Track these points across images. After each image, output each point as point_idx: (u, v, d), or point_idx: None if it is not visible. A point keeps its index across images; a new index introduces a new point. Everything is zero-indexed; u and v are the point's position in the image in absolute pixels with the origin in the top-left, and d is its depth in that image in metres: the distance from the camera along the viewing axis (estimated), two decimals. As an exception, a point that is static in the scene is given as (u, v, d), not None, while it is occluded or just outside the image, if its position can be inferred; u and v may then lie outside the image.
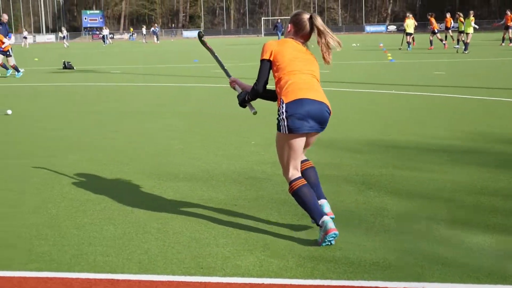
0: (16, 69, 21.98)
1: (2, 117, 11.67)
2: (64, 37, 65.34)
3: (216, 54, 5.43)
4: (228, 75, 5.25)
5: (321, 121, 4.57)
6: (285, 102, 4.49)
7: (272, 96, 4.83)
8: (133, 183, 6.42)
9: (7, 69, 21.95)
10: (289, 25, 4.81)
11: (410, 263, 4.07)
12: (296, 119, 4.46)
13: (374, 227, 4.85)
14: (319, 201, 4.79)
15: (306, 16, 4.73)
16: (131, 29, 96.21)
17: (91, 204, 5.66)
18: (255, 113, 4.98)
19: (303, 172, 4.83)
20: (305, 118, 4.47)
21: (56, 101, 14.24)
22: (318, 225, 4.46)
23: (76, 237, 4.76)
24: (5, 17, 23.33)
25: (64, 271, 4.09)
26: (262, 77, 4.70)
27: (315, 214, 4.47)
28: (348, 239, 4.56)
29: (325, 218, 4.42)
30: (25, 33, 67.80)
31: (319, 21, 4.69)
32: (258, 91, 4.75)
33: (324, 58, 4.70)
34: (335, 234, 4.38)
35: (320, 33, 4.66)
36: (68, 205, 5.65)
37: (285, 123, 4.48)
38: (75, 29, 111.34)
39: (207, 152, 7.82)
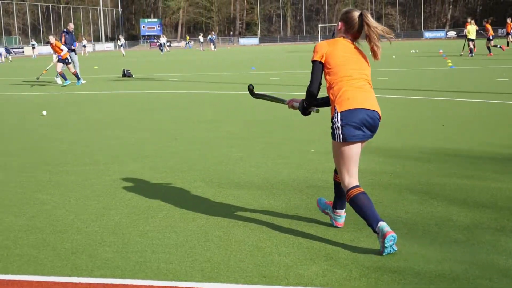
0: (77, 76, 22.35)
1: (64, 125, 11.90)
2: (121, 45, 66.41)
3: (268, 94, 5.47)
4: (284, 101, 5.23)
5: (373, 129, 4.59)
6: (339, 111, 4.50)
7: (324, 102, 4.83)
8: (193, 191, 6.44)
9: (65, 79, 22.27)
10: (340, 23, 4.77)
11: (478, 276, 3.96)
12: (351, 128, 4.47)
13: (439, 237, 4.74)
14: (341, 211, 4.99)
15: (356, 14, 4.69)
16: (188, 37, 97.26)
17: (152, 212, 5.70)
18: (317, 111, 4.94)
19: (336, 182, 4.95)
20: (359, 127, 4.49)
21: (116, 109, 14.45)
22: (375, 231, 4.40)
23: (139, 244, 4.80)
24: (71, 26, 23.87)
25: (128, 278, 4.11)
26: (315, 78, 4.65)
27: (372, 221, 4.41)
28: (412, 249, 4.47)
29: (381, 223, 4.36)
30: (84, 42, 69.19)
31: (369, 17, 4.65)
32: (313, 93, 4.70)
33: (374, 54, 4.70)
34: (392, 236, 4.31)
35: (370, 28, 4.61)
36: (130, 212, 5.70)
37: (340, 131, 4.50)
38: (133, 38, 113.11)
39: (267, 160, 7.81)
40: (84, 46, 66.97)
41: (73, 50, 23.24)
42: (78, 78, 22.41)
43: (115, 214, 5.65)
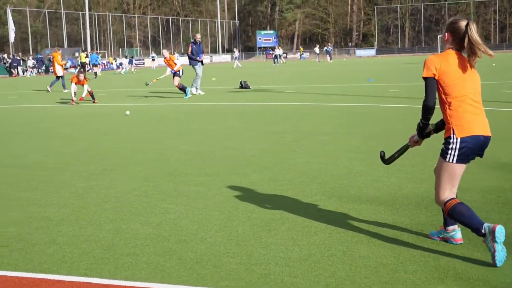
0: (183, 88, 22.70)
1: (185, 136, 12.16)
2: (236, 58, 67.43)
3: (396, 152, 5.44)
4: (407, 145, 5.29)
5: (483, 152, 4.62)
6: (458, 136, 4.50)
7: (439, 127, 4.87)
8: (315, 204, 6.40)
9: (186, 88, 22.78)
10: (446, 33, 4.70)
11: None
12: (467, 152, 4.50)
13: None
14: (451, 227, 4.90)
15: (463, 24, 4.60)
16: (301, 48, 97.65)
17: (275, 224, 5.70)
18: (434, 126, 4.93)
19: None
20: (474, 152, 4.53)
21: (235, 120, 14.64)
22: (481, 235, 4.35)
23: (262, 257, 4.81)
24: (198, 37, 24.46)
25: (253, 291, 4.13)
26: (431, 93, 4.60)
27: (477, 225, 4.38)
28: (549, 272, 4.25)
29: (486, 224, 4.33)
30: (201, 53, 70.73)
31: (473, 31, 4.55)
32: (429, 106, 4.63)
33: (469, 63, 4.63)
34: (501, 228, 4.25)
35: (471, 43, 4.53)
36: (253, 224, 5.73)
37: (455, 152, 4.51)
38: (249, 49, 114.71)
39: (389, 174, 7.66)
40: (202, 57, 68.44)
41: (200, 61, 23.81)
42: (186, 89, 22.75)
43: (238, 225, 5.70)
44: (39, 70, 63.23)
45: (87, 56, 49.51)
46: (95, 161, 9.55)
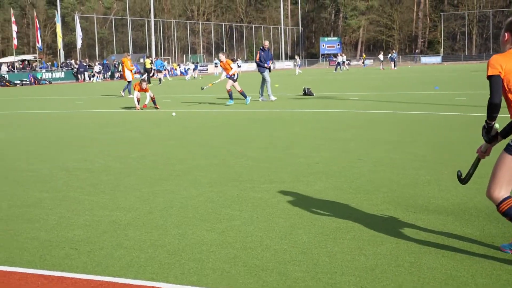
0: (243, 94, 22.77)
1: (248, 142, 12.18)
2: (298, 65, 67.40)
3: (470, 168, 5.34)
4: (477, 158, 5.23)
5: None
6: None
7: (507, 131, 4.75)
8: (381, 213, 6.32)
9: (231, 98, 22.86)
10: (506, 33, 4.61)
11: None
12: None
13: None
14: None
15: None
16: (364, 55, 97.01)
17: (340, 233, 5.64)
18: (496, 125, 4.80)
19: None
20: None
21: (299, 127, 14.60)
22: None
23: (328, 265, 4.76)
24: (266, 44, 24.62)
25: (319, 300, 4.09)
26: (496, 91, 4.49)
27: None
28: None
29: None
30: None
31: None
32: (495, 103, 4.51)
33: None
34: None
35: None
36: (318, 232, 5.68)
37: None
38: (313, 56, 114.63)
39: (457, 185, 7.47)
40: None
41: (268, 68, 23.89)
42: (245, 96, 22.78)
43: (303, 233, 5.66)
44: (105, 76, 64.51)
45: (152, 62, 50.26)
46: (159, 166, 9.65)
